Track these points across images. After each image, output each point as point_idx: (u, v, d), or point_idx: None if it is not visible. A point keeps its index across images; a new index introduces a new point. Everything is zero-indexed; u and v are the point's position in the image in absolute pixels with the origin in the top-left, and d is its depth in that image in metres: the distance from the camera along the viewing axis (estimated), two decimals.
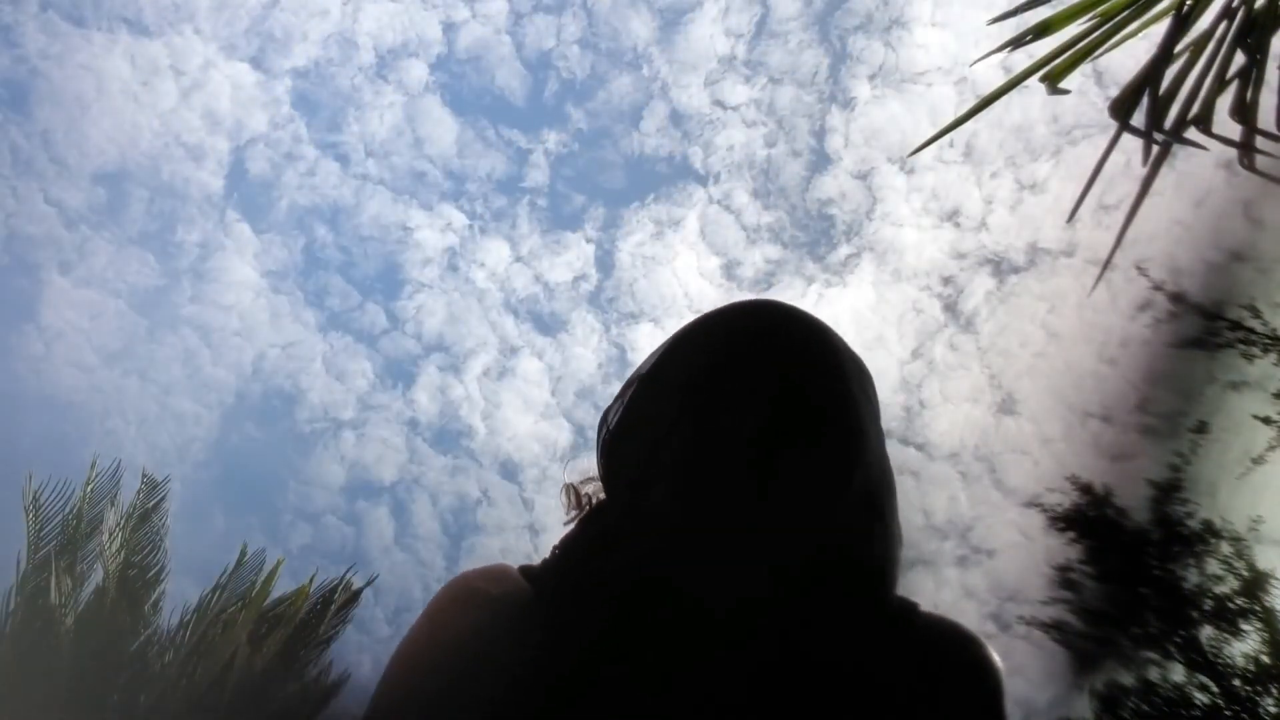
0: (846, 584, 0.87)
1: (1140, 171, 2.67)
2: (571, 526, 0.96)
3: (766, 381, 0.86)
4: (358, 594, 9.66)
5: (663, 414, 0.88)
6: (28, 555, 8.47)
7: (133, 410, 22.10)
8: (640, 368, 0.97)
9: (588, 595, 0.85)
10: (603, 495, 0.97)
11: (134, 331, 22.38)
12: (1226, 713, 10.49)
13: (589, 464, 0.98)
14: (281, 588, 9.32)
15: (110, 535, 8.59)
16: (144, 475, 9.34)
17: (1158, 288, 11.24)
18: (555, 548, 0.93)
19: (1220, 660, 10.74)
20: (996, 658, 0.89)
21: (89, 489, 8.81)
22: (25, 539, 8.48)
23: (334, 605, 9.39)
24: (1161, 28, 2.61)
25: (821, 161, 23.16)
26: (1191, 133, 2.63)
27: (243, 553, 9.25)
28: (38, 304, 21.85)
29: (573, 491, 0.99)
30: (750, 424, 0.84)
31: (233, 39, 22.38)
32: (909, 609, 0.90)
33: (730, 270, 22.85)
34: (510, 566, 0.93)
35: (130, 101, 21.60)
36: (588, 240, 23.46)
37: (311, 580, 9.41)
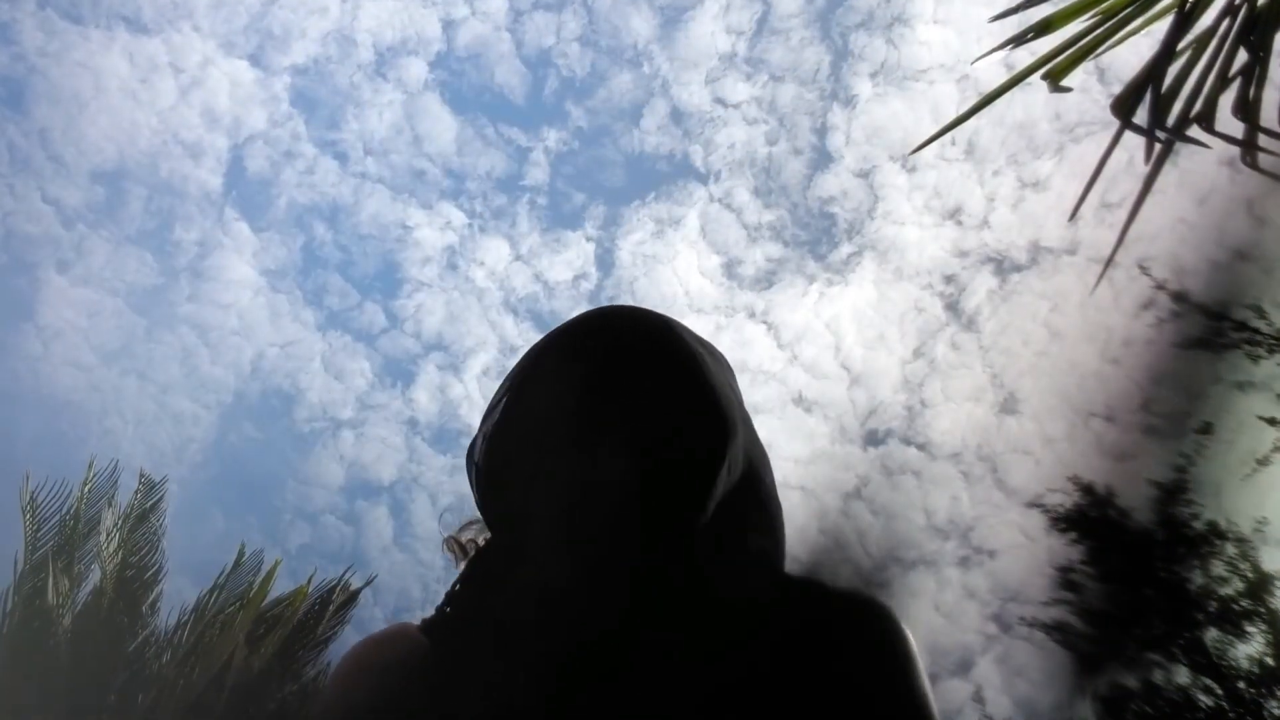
0: (732, 581, 0.85)
1: (1143, 169, 2.64)
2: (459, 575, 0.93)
3: (624, 402, 0.85)
4: (356, 594, 9.65)
5: (526, 448, 0.87)
6: (25, 556, 8.47)
7: (131, 410, 22.12)
8: (496, 393, 0.96)
9: (478, 637, 0.84)
10: (484, 537, 0.96)
11: (132, 330, 22.39)
12: (1231, 715, 10.44)
13: (464, 512, 0.96)
14: (281, 587, 9.32)
15: (108, 536, 8.58)
16: (141, 475, 9.35)
17: (1160, 287, 11.19)
18: (444, 598, 0.91)
19: (1225, 662, 10.68)
20: (906, 626, 0.88)
21: (86, 489, 8.80)
22: (22, 539, 8.48)
23: (332, 606, 9.38)
24: (1164, 25, 2.58)
25: (823, 159, 23.13)
26: (1194, 130, 2.60)
27: (240, 553, 9.26)
28: (35, 303, 21.87)
29: (454, 544, 0.99)
30: (614, 450, 0.82)
31: (231, 36, 22.38)
32: (809, 585, 0.89)
33: (731, 269, 22.83)
34: (409, 625, 0.91)
35: (128, 99, 21.61)
36: (588, 239, 23.45)
37: (310, 581, 9.40)
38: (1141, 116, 2.60)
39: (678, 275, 23.00)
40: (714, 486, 0.84)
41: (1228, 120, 2.51)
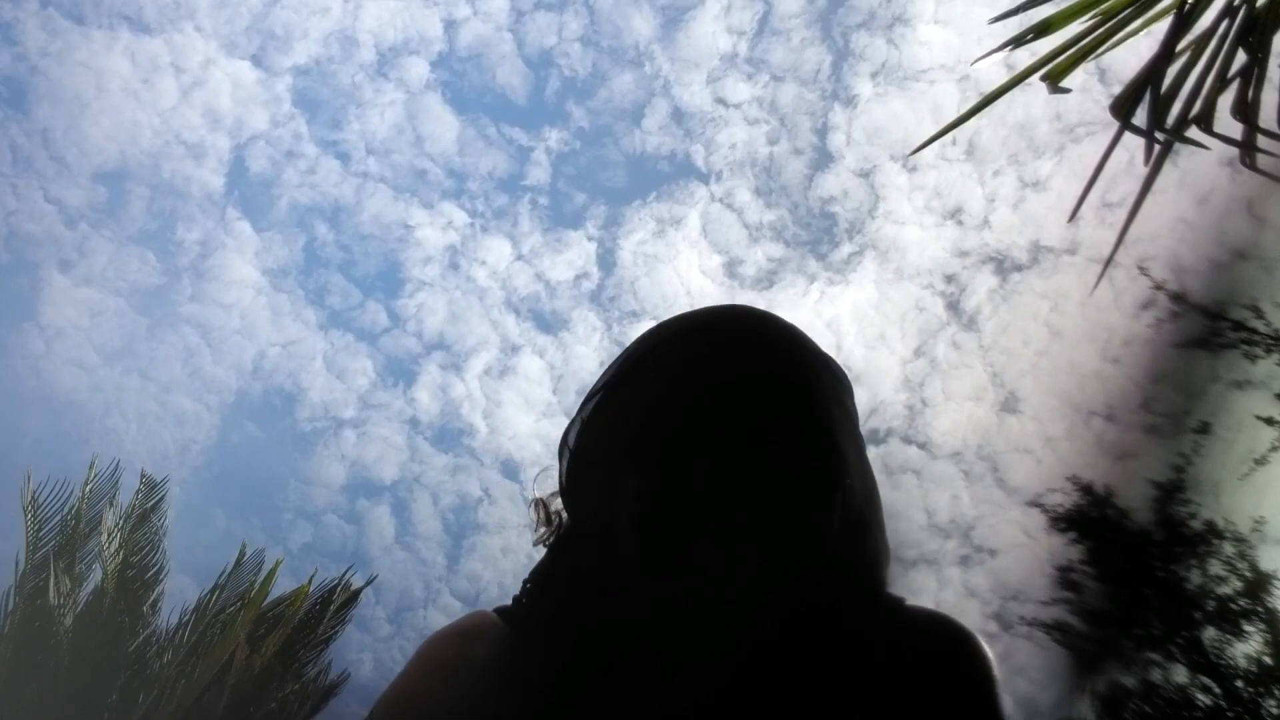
0: (828, 597, 0.83)
1: (1143, 169, 2.65)
2: (543, 554, 0.93)
3: (732, 407, 0.82)
4: (357, 594, 9.65)
5: (622, 440, 0.86)
6: (26, 555, 8.47)
7: (133, 409, 22.12)
8: (600, 378, 0.94)
9: (564, 634, 0.83)
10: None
11: (134, 330, 22.40)
12: (1229, 714, 10.45)
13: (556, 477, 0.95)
14: (282, 587, 9.33)
15: (109, 535, 8.58)
16: (143, 475, 9.35)
17: (1159, 287, 11.20)
18: (526, 581, 0.90)
19: (1223, 661, 10.70)
20: (989, 649, 0.88)
21: (88, 489, 8.80)
22: (24, 539, 8.48)
23: (333, 605, 9.38)
24: (1163, 26, 2.59)
25: (824, 159, 23.13)
26: (1193, 132, 2.61)
27: (241, 553, 9.26)
28: (38, 302, 21.88)
29: (542, 507, 0.96)
30: (717, 456, 0.80)
31: (233, 37, 22.38)
32: (897, 605, 0.89)
33: (732, 268, 22.84)
34: (486, 613, 0.89)
35: (130, 99, 21.61)
36: (589, 238, 23.46)
37: (311, 580, 9.40)
38: (1141, 118, 2.61)
39: (679, 275, 23.03)
40: (822, 522, 0.82)
41: (1227, 121, 2.52)
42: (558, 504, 0.95)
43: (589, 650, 0.80)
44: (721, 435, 0.81)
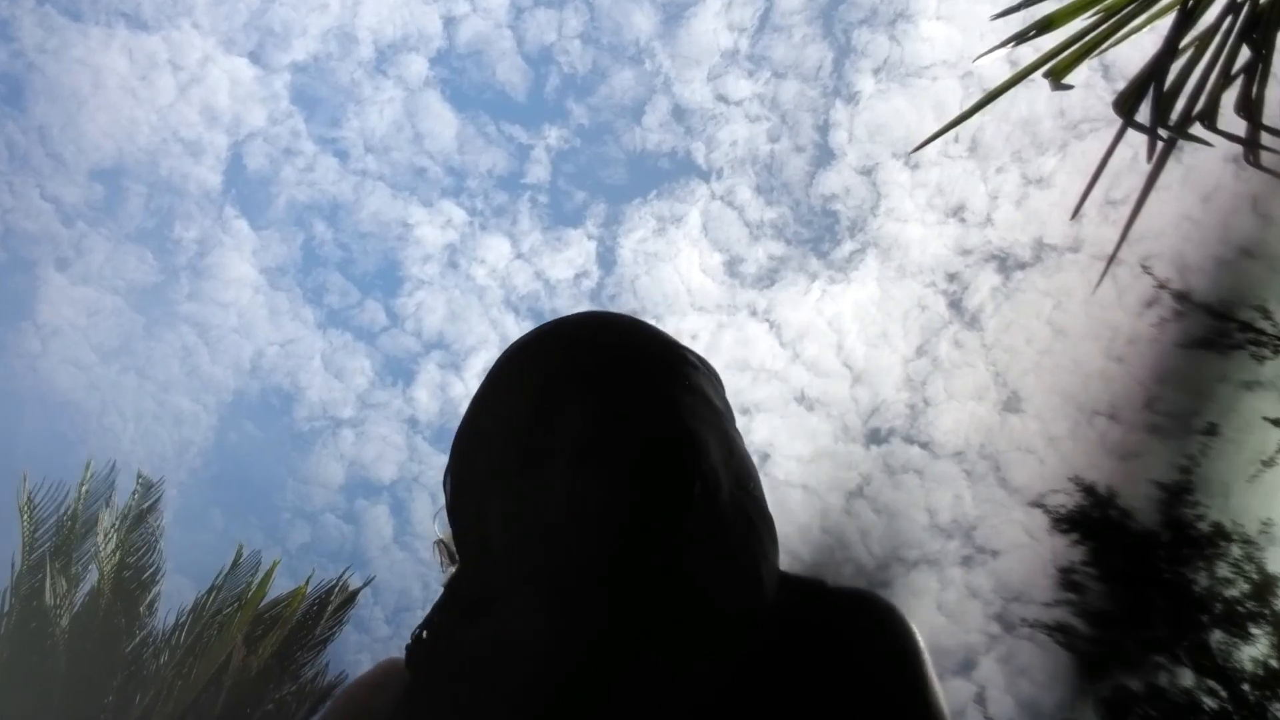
0: (727, 592, 0.81)
1: (1147, 166, 2.61)
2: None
3: (580, 409, 0.81)
4: (354, 595, 9.64)
5: (479, 468, 0.85)
6: (23, 556, 8.47)
7: (130, 408, 22.14)
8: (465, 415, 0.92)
9: (457, 673, 0.81)
10: None
11: (131, 329, 22.41)
12: (1235, 718, 10.38)
13: None
14: (281, 586, 9.31)
15: (105, 536, 8.57)
16: (139, 476, 9.35)
17: (1163, 286, 11.13)
18: (421, 625, 0.88)
19: (1229, 665, 10.63)
20: (911, 622, 0.86)
21: (84, 490, 8.81)
22: (20, 540, 8.47)
23: (330, 606, 9.36)
24: (1166, 22, 2.54)
25: (825, 157, 23.06)
26: (1197, 129, 2.57)
27: (238, 553, 9.25)
28: (34, 301, 21.91)
29: (444, 550, 0.94)
30: (582, 477, 0.78)
31: (231, 33, 22.36)
32: (809, 586, 0.87)
33: (733, 267, 22.78)
34: (396, 661, 0.89)
35: (128, 96, 21.61)
36: (589, 237, 23.42)
37: (308, 581, 9.39)
38: (1144, 114, 2.57)
39: (679, 273, 22.97)
40: (682, 512, 0.79)
41: (1231, 118, 2.47)
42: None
43: (477, 682, 0.79)
44: (571, 439, 0.80)
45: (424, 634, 0.85)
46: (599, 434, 0.80)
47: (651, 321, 0.95)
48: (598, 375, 0.85)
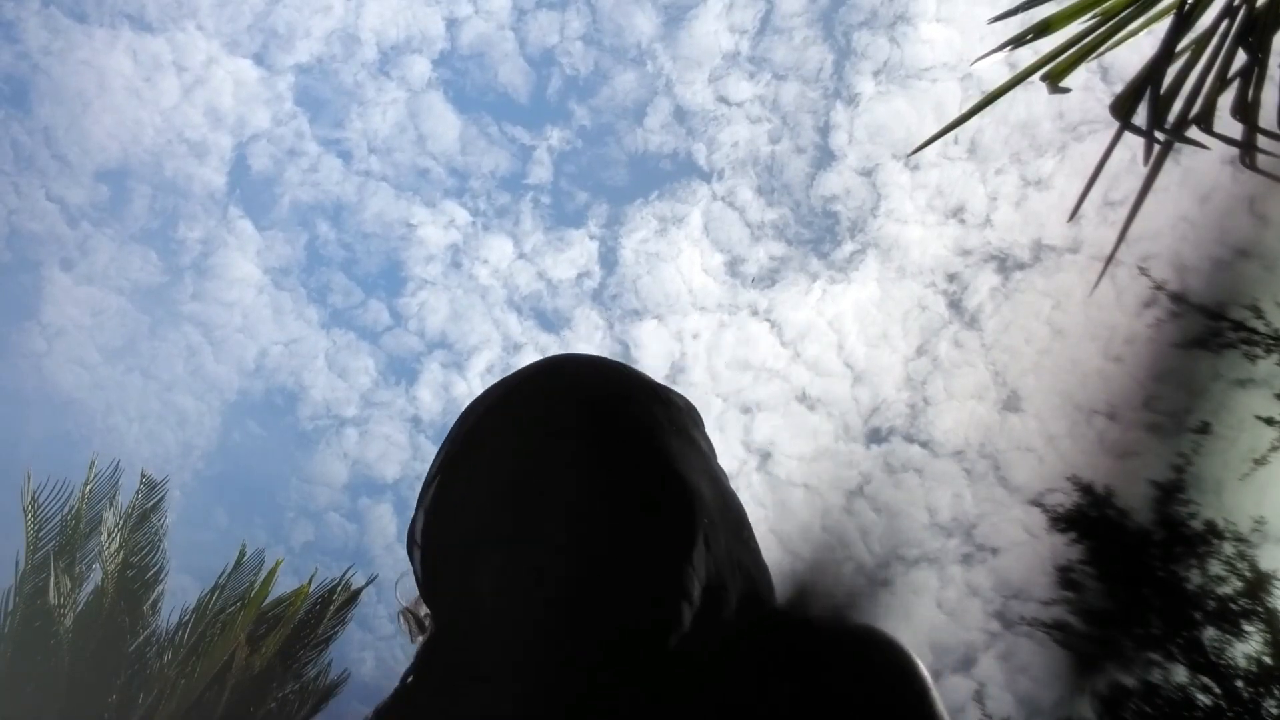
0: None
1: (1145, 168, 2.65)
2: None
3: (571, 467, 0.76)
4: (357, 594, 9.65)
5: (455, 539, 0.80)
6: (26, 555, 8.47)
7: (134, 408, 22.14)
8: (433, 463, 0.87)
9: None
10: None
11: (136, 328, 22.41)
12: (1229, 714, 10.45)
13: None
14: (284, 586, 9.32)
15: (109, 536, 8.58)
16: (143, 475, 9.35)
17: (1159, 287, 11.20)
18: (394, 691, 0.82)
19: (1223, 661, 10.69)
20: (917, 658, 0.79)
21: (88, 489, 8.81)
22: (24, 539, 8.49)
23: (333, 605, 9.38)
24: (1163, 26, 2.58)
25: (826, 158, 23.16)
26: (1193, 131, 2.61)
27: (241, 553, 9.26)
28: (40, 301, 21.90)
29: (410, 618, 0.91)
30: (550, 552, 0.73)
31: (235, 35, 22.41)
32: (823, 625, 0.80)
33: (734, 267, 22.84)
34: None
35: (132, 98, 21.62)
36: (591, 237, 23.46)
37: (311, 580, 9.40)
38: (1141, 117, 2.61)
39: (681, 273, 23.02)
40: (681, 596, 0.72)
41: (1227, 121, 2.52)
42: (426, 609, 0.88)
43: None
44: (567, 500, 0.75)
45: (393, 706, 0.79)
46: (594, 494, 0.75)
47: (653, 321, 0.86)
48: (584, 429, 0.79)
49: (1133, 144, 2.65)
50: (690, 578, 0.73)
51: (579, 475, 0.76)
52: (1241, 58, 2.49)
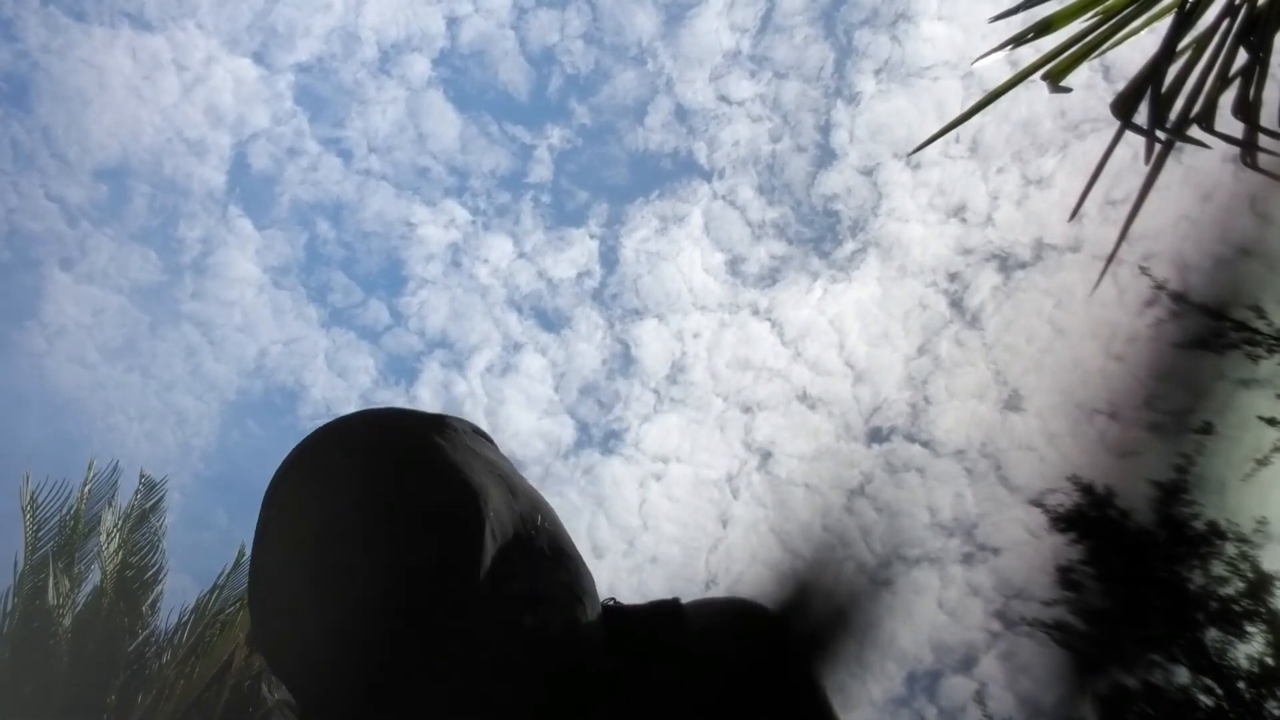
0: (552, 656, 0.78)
1: (1146, 166, 2.63)
2: None
3: (353, 530, 0.75)
4: None
5: (275, 612, 0.78)
6: (25, 556, 8.47)
7: (134, 407, 22.13)
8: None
9: None
10: None
11: (135, 328, 22.39)
12: (1231, 716, 10.43)
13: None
14: None
15: (108, 536, 8.58)
16: (142, 475, 9.36)
17: (1161, 286, 11.19)
18: None
19: (1225, 662, 10.68)
20: (769, 608, 0.87)
21: (86, 489, 8.82)
22: (23, 539, 8.49)
23: None
24: (1165, 25, 2.57)
25: (827, 157, 23.10)
26: (1194, 130, 2.60)
27: (241, 552, 9.25)
28: (39, 300, 21.87)
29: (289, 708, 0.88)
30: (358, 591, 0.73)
31: (235, 34, 22.36)
32: (668, 608, 0.87)
33: (735, 266, 22.82)
34: None
35: (132, 97, 21.59)
36: (591, 236, 23.43)
37: None
38: (1142, 117, 2.60)
39: (681, 272, 23.00)
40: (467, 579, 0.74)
41: (1228, 120, 2.50)
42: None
43: None
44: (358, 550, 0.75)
45: None
46: (379, 535, 0.75)
47: (654, 321, 0.86)
48: (363, 478, 0.79)
49: (1134, 143, 2.64)
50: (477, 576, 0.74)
51: (365, 520, 0.76)
52: (1242, 57, 2.48)
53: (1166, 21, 2.55)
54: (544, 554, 0.82)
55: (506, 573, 0.76)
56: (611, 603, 0.88)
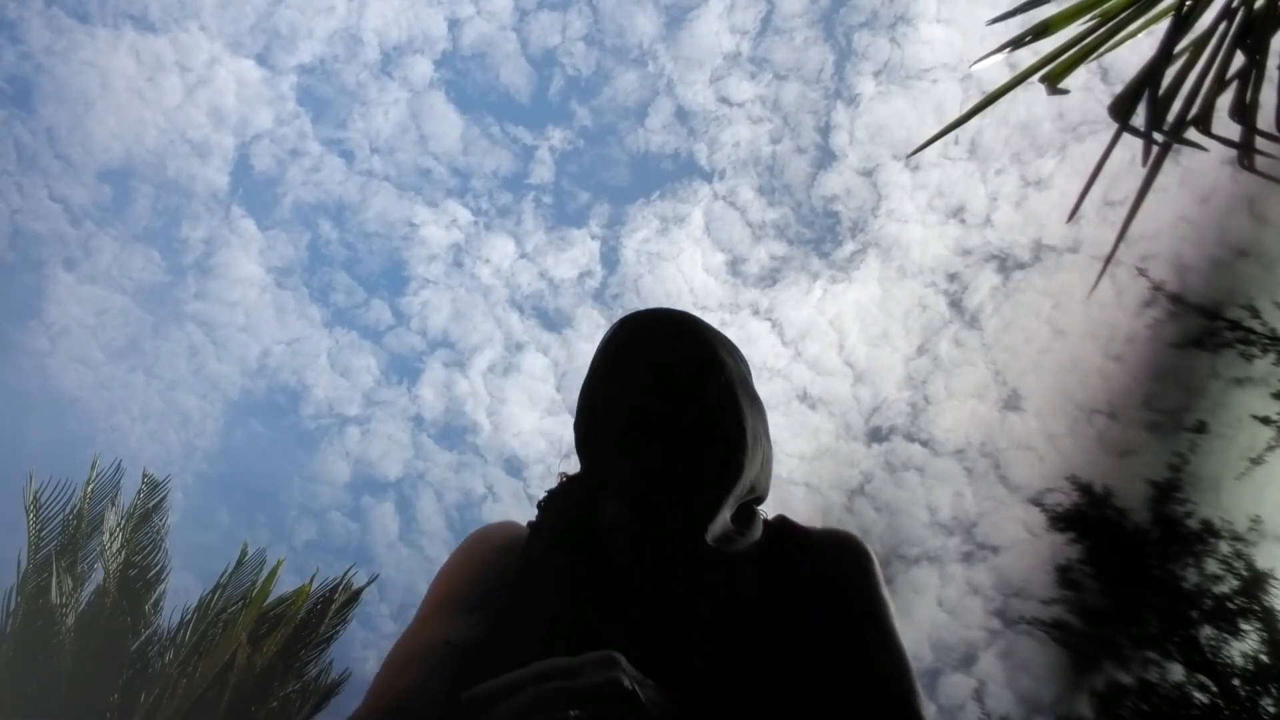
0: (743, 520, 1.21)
1: (1144, 168, 2.67)
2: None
3: (659, 420, 1.14)
4: (358, 593, 9.67)
5: (591, 438, 1.20)
6: (29, 555, 8.49)
7: (138, 406, 22.17)
8: (589, 369, 1.27)
9: (553, 534, 1.17)
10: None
11: (139, 328, 22.43)
12: (1225, 712, 10.49)
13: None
14: (286, 585, 9.34)
15: (111, 535, 8.60)
16: (145, 475, 9.37)
17: (1157, 287, 11.25)
18: (540, 505, 1.24)
19: (1219, 660, 10.74)
20: (869, 546, 1.21)
21: (89, 489, 8.83)
22: (26, 538, 8.50)
23: (335, 605, 9.40)
24: (1162, 27, 2.61)
25: (826, 158, 23.23)
26: (1192, 133, 2.64)
27: (243, 552, 9.27)
28: (43, 300, 21.92)
29: (563, 475, 1.31)
30: (656, 420, 1.14)
31: (238, 36, 22.44)
32: (789, 525, 1.23)
33: (735, 266, 22.91)
34: (517, 523, 1.25)
35: (135, 98, 21.66)
36: (593, 237, 23.54)
37: (312, 580, 9.42)
38: (1140, 119, 2.64)
39: (682, 273, 23.09)
40: (721, 498, 1.15)
41: (1225, 122, 2.54)
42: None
43: (581, 550, 1.12)
44: (664, 409, 1.14)
45: (557, 493, 1.22)
46: (673, 442, 1.14)
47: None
48: (689, 370, 1.19)
49: (1132, 145, 2.67)
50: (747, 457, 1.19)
51: (668, 410, 1.14)
52: (1240, 59, 2.52)
53: (1164, 24, 2.58)
54: (766, 460, 1.29)
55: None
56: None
